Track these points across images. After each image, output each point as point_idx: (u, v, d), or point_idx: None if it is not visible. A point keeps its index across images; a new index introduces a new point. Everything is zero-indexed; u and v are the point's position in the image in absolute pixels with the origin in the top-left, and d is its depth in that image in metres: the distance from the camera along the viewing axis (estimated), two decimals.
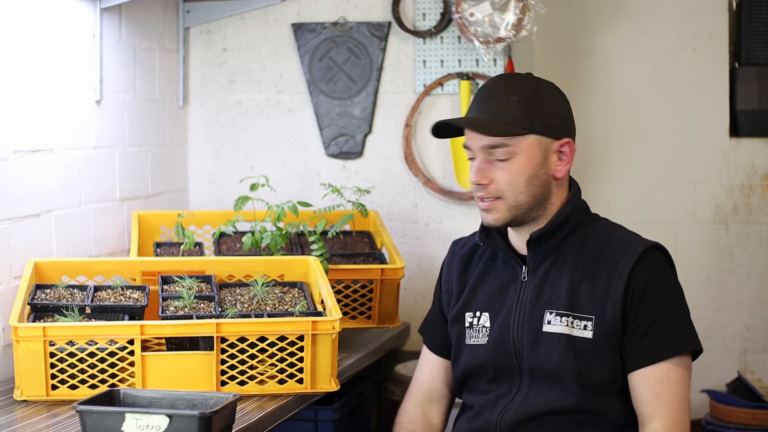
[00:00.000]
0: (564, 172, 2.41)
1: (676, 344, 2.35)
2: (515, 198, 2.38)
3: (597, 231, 2.44)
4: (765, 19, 4.34)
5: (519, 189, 2.38)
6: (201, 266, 2.89)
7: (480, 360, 2.47)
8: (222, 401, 2.13)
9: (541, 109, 2.39)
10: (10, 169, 2.81)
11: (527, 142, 2.37)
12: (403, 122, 3.80)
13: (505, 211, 2.40)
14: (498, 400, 2.44)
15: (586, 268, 2.39)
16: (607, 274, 2.37)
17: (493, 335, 2.45)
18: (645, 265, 2.36)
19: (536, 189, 2.39)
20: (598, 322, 2.35)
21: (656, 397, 2.33)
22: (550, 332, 2.38)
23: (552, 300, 2.40)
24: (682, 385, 2.34)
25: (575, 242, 2.43)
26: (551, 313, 2.39)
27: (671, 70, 4.39)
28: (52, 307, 2.61)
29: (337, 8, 3.82)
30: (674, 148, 4.39)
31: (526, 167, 2.37)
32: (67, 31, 3.11)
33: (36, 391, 2.49)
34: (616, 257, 2.38)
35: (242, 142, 3.90)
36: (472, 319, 2.51)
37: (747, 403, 3.92)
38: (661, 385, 2.33)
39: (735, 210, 4.36)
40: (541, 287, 2.42)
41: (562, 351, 2.36)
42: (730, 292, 4.36)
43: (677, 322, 2.37)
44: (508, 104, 2.38)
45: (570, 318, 2.37)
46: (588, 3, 4.42)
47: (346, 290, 3.18)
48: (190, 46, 3.89)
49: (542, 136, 2.38)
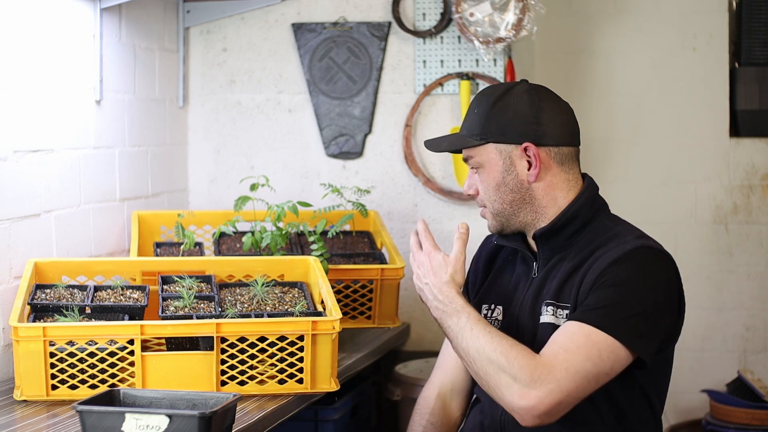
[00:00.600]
0: (535, 175, 2.42)
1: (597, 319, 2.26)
2: (492, 206, 2.46)
3: (605, 228, 2.44)
4: (765, 19, 4.34)
5: (492, 197, 2.45)
6: (201, 266, 2.89)
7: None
8: (222, 401, 2.13)
9: (497, 116, 2.43)
10: (10, 169, 2.81)
11: (486, 151, 2.44)
12: (403, 122, 3.80)
13: (491, 218, 2.48)
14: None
15: (582, 260, 2.38)
16: (592, 265, 2.35)
17: (503, 329, 2.46)
18: (628, 256, 2.32)
19: (508, 195, 2.44)
20: (572, 309, 2.34)
21: (551, 341, 2.28)
22: (544, 323, 2.39)
23: (548, 292, 2.41)
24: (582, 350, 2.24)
25: (584, 238, 2.43)
26: (545, 305, 2.40)
27: (671, 70, 4.38)
28: (52, 307, 2.61)
29: (337, 8, 3.82)
30: (674, 148, 4.39)
31: (492, 175, 2.44)
32: (67, 31, 3.11)
33: (36, 391, 2.49)
34: (608, 252, 2.35)
35: (242, 142, 3.90)
36: (486, 311, 2.53)
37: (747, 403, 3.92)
38: (562, 335, 2.27)
39: (735, 210, 4.36)
40: (545, 281, 2.44)
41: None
42: (730, 292, 4.36)
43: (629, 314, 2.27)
44: (470, 117, 2.48)
45: (554, 307, 2.38)
46: (588, 3, 4.42)
47: (346, 290, 3.18)
48: (190, 46, 3.89)
49: (500, 144, 2.43)
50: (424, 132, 3.78)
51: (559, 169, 2.44)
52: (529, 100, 2.44)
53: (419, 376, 3.47)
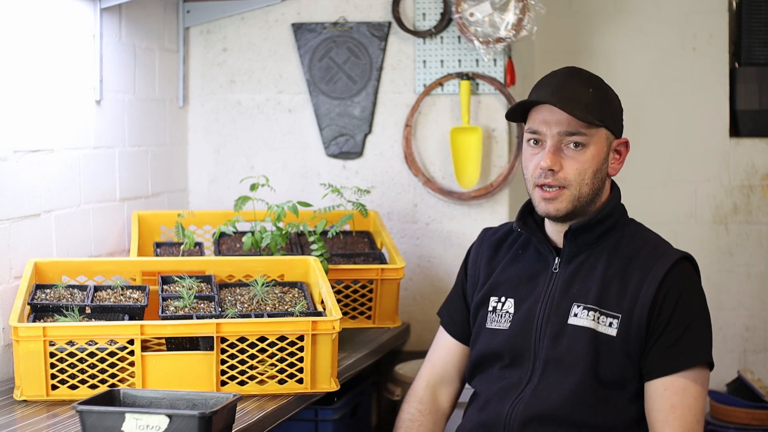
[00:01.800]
0: (617, 170, 2.47)
1: (696, 356, 2.36)
2: (580, 189, 2.40)
3: (634, 233, 2.47)
4: (765, 19, 4.34)
5: (585, 180, 2.40)
6: (201, 266, 2.89)
7: (498, 345, 2.48)
8: (222, 401, 2.13)
9: (612, 103, 2.45)
10: (10, 169, 2.81)
11: (600, 134, 2.42)
12: (403, 122, 3.80)
13: (568, 201, 2.41)
14: (508, 392, 2.44)
15: (620, 267, 2.41)
16: (639, 276, 2.38)
17: (516, 322, 2.47)
18: (677, 274, 2.39)
19: (598, 183, 2.43)
20: (624, 321, 2.36)
21: (671, 408, 2.33)
22: (576, 325, 2.39)
23: (581, 293, 2.41)
24: (699, 399, 2.35)
25: (612, 241, 2.45)
26: (579, 306, 2.40)
27: (671, 70, 4.38)
28: (52, 307, 2.61)
29: (337, 8, 3.82)
30: (674, 148, 4.39)
31: (596, 159, 2.41)
32: (67, 31, 3.11)
33: (36, 391, 2.49)
34: (650, 261, 2.40)
35: (242, 142, 3.90)
36: (496, 303, 2.52)
37: (747, 403, 3.92)
38: (677, 396, 2.34)
39: (735, 210, 4.36)
40: (572, 280, 2.43)
41: (585, 344, 2.37)
42: (730, 292, 4.36)
43: (700, 335, 2.39)
44: (587, 94, 2.41)
45: (597, 313, 2.38)
46: (588, 3, 4.42)
47: (346, 290, 3.18)
48: (190, 46, 3.89)
49: (609, 132, 2.44)
50: (424, 132, 3.78)
51: None
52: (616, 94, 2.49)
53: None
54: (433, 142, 3.77)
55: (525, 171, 2.47)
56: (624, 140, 2.48)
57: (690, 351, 2.36)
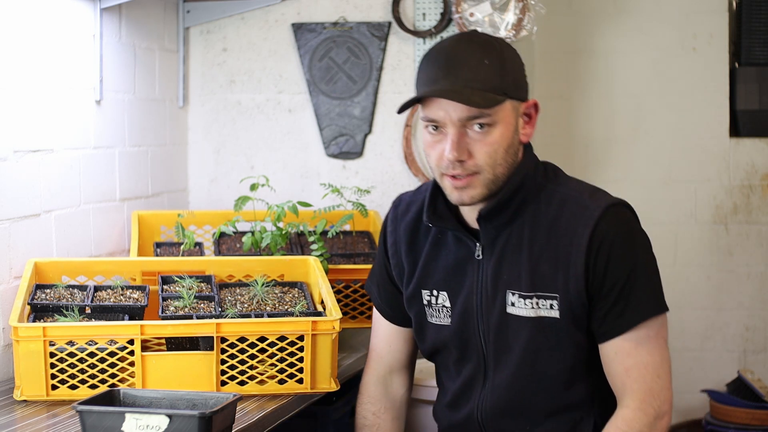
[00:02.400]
0: (529, 135, 2.24)
1: (641, 310, 2.18)
2: (493, 171, 2.19)
3: (550, 195, 2.24)
4: (765, 19, 4.35)
5: (498, 161, 2.18)
6: (201, 266, 2.89)
7: (445, 339, 2.37)
8: (222, 401, 2.13)
9: (510, 70, 2.19)
10: (10, 169, 2.80)
11: (505, 108, 2.18)
12: (403, 122, 3.80)
13: (482, 186, 2.20)
14: (470, 389, 2.36)
15: (545, 240, 2.21)
16: (565, 246, 2.19)
17: (456, 317, 2.34)
18: (602, 230, 2.17)
19: (511, 158, 2.21)
20: (563, 299, 2.20)
21: (625, 372, 2.19)
22: (516, 315, 2.24)
23: (513, 279, 2.24)
24: (655, 353, 2.19)
25: (530, 211, 2.24)
26: (514, 294, 2.24)
27: (671, 70, 4.39)
28: (52, 307, 2.61)
29: (337, 8, 3.82)
30: (674, 148, 4.40)
31: (506, 136, 2.18)
32: (67, 31, 3.11)
33: (36, 391, 2.49)
34: (572, 224, 2.19)
35: (242, 142, 3.90)
36: (429, 297, 2.37)
37: (747, 403, 3.92)
38: (630, 358, 2.19)
39: (735, 210, 4.36)
40: (500, 266, 2.26)
41: (531, 333, 2.23)
42: (730, 292, 4.36)
43: (643, 287, 2.19)
44: (482, 68, 2.16)
45: (533, 299, 2.22)
46: (588, 3, 4.43)
47: (346, 290, 3.18)
48: (190, 46, 3.89)
49: (514, 100, 2.20)
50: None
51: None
52: (514, 50, 2.24)
53: (419, 375, 3.46)
54: None
55: (428, 159, 2.26)
56: (532, 102, 2.23)
57: (634, 307, 2.17)
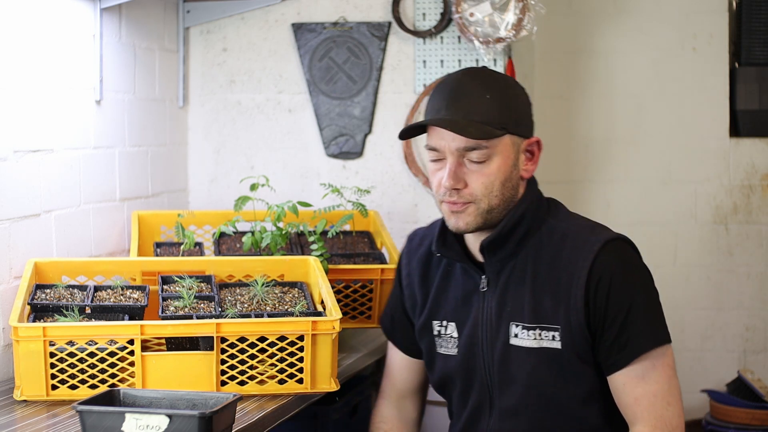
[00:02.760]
0: (531, 171, 2.32)
1: (644, 342, 2.24)
2: (489, 202, 2.27)
3: (552, 230, 2.31)
4: (765, 19, 4.35)
5: (494, 193, 2.27)
6: (201, 266, 2.89)
7: (452, 370, 2.43)
8: (222, 401, 2.13)
9: (513, 106, 2.28)
10: (10, 169, 2.81)
11: (504, 142, 2.27)
12: (403, 122, 3.80)
13: (476, 215, 2.28)
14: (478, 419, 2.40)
15: (546, 275, 2.28)
16: (566, 279, 2.26)
17: (462, 348, 2.40)
18: (601, 264, 2.24)
19: (508, 192, 2.29)
20: (564, 331, 2.26)
21: (635, 401, 2.25)
22: (519, 346, 2.30)
23: (516, 312, 2.30)
24: (663, 380, 2.24)
25: (532, 245, 2.31)
26: (517, 326, 2.30)
27: (671, 70, 4.39)
28: (52, 307, 2.61)
29: (337, 8, 3.82)
30: (674, 148, 4.40)
31: (502, 169, 2.27)
32: (67, 31, 3.11)
33: (36, 391, 2.49)
34: (573, 259, 2.26)
35: (242, 142, 3.90)
36: (439, 328, 2.45)
37: (747, 403, 3.92)
38: (638, 387, 2.25)
39: (735, 210, 4.36)
40: (504, 298, 2.32)
41: (534, 364, 2.29)
42: (730, 292, 4.36)
43: (645, 318, 2.25)
44: (483, 102, 2.25)
45: (536, 330, 2.28)
46: (588, 3, 4.43)
47: (346, 290, 3.18)
48: (190, 46, 3.89)
49: (515, 136, 2.28)
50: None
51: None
52: (524, 90, 2.35)
53: None
54: None
55: (432, 185, 2.35)
56: (535, 140, 2.32)
57: (637, 338, 2.23)
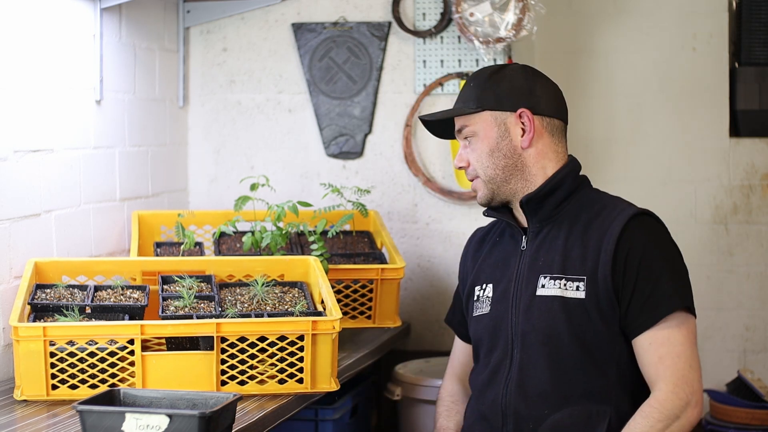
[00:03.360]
0: (529, 140, 2.51)
1: (672, 303, 2.38)
2: (485, 173, 2.53)
3: (593, 199, 2.53)
4: (765, 19, 4.34)
5: (485, 164, 2.52)
6: (201, 266, 2.89)
7: (482, 329, 2.55)
8: (222, 401, 2.13)
9: (493, 87, 2.53)
10: (11, 169, 2.81)
11: (482, 118, 2.53)
12: (403, 122, 3.80)
13: (482, 187, 2.54)
14: (496, 375, 2.48)
15: (580, 232, 2.46)
16: (597, 236, 2.43)
17: (494, 304, 2.53)
18: (635, 229, 2.42)
19: (501, 161, 2.52)
20: (590, 282, 2.40)
21: (659, 360, 2.36)
22: (543, 295, 2.44)
23: (546, 264, 2.47)
24: (687, 344, 2.37)
25: (571, 210, 2.51)
26: (545, 277, 2.45)
27: (671, 70, 4.38)
28: (53, 306, 2.61)
29: (337, 8, 3.82)
30: (674, 148, 4.39)
31: (485, 142, 2.52)
32: (67, 31, 3.11)
33: (36, 391, 2.49)
34: (607, 220, 2.44)
35: (242, 142, 3.90)
36: (479, 292, 2.59)
37: (747, 403, 3.91)
38: (663, 347, 2.36)
39: (735, 210, 4.36)
40: (537, 253, 2.50)
41: (556, 312, 2.42)
42: (730, 292, 4.36)
43: (673, 283, 2.40)
44: (465, 90, 2.57)
45: (563, 280, 2.43)
46: (588, 3, 4.42)
47: (346, 290, 3.18)
48: (190, 46, 3.89)
49: (495, 111, 2.52)
50: (424, 132, 3.77)
51: (549, 139, 2.54)
52: (524, 74, 2.57)
53: (419, 375, 3.47)
54: (433, 142, 3.77)
55: None
56: (519, 111, 2.52)
57: (665, 299, 2.37)
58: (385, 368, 3.63)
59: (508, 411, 2.44)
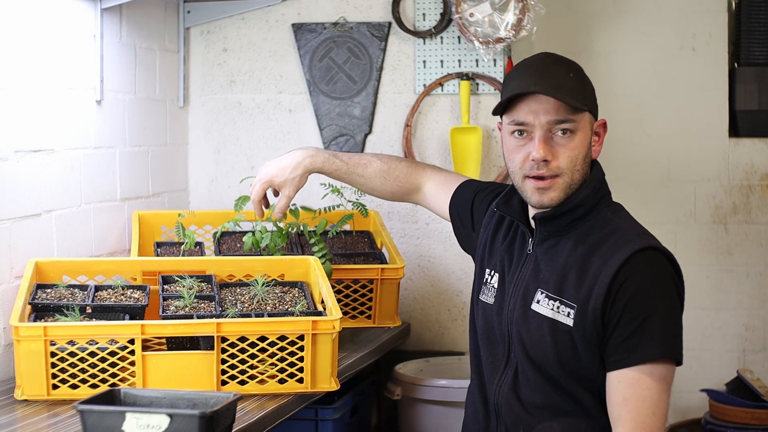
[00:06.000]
0: (598, 152, 2.42)
1: (651, 351, 2.25)
2: (572, 176, 2.35)
3: (606, 220, 2.38)
4: (764, 19, 4.35)
5: (577, 167, 2.35)
6: (201, 266, 2.89)
7: (485, 319, 2.50)
8: (222, 401, 2.13)
9: (590, 87, 2.41)
10: (11, 169, 2.81)
11: (584, 118, 2.36)
12: (403, 122, 3.80)
13: (560, 190, 2.35)
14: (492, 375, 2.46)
15: (583, 254, 2.34)
16: (598, 265, 2.31)
17: (496, 299, 2.47)
18: (635, 265, 2.27)
19: (586, 168, 2.39)
20: (579, 311, 2.30)
21: (624, 401, 2.26)
22: (537, 312, 2.36)
23: (545, 279, 2.37)
24: (656, 390, 2.25)
25: (583, 228, 2.37)
26: (542, 293, 2.37)
27: (671, 70, 4.39)
28: (53, 306, 2.61)
29: (337, 8, 3.83)
30: (674, 148, 4.40)
31: (584, 144, 2.36)
32: (68, 31, 3.11)
33: (37, 391, 2.49)
34: (612, 250, 2.30)
35: (242, 142, 3.90)
36: (488, 276, 2.52)
37: (746, 403, 3.92)
38: (630, 388, 2.25)
39: (734, 210, 4.36)
40: (540, 263, 2.40)
41: (547, 333, 2.34)
42: (729, 292, 4.36)
43: (659, 329, 2.27)
44: (568, 80, 2.36)
45: (557, 302, 2.34)
46: (588, 3, 4.43)
47: (346, 290, 3.18)
48: (190, 47, 3.89)
49: (591, 114, 2.39)
50: (424, 132, 3.78)
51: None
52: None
53: (419, 375, 3.47)
54: (433, 142, 3.77)
55: (510, 163, 2.40)
56: (602, 121, 2.43)
57: (645, 344, 2.25)
58: (385, 368, 3.64)
59: (500, 412, 2.42)
